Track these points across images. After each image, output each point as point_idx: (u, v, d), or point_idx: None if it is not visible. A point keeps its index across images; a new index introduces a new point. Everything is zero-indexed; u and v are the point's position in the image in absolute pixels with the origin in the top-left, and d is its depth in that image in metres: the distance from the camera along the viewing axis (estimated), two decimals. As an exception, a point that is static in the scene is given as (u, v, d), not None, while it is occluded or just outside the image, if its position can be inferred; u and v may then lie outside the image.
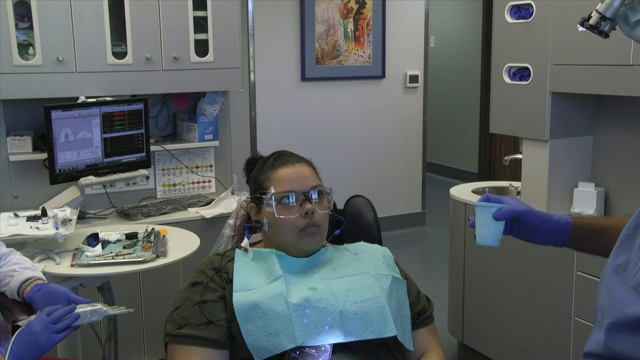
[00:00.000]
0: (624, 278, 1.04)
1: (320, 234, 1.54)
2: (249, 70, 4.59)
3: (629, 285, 1.02)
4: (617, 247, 1.11)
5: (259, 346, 1.34)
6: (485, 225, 1.31)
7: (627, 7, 1.02)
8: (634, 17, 1.02)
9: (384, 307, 1.42)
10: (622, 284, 1.04)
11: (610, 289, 1.06)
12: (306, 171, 1.56)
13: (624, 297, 1.01)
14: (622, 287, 1.04)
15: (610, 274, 1.08)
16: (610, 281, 1.07)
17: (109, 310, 1.60)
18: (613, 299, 1.05)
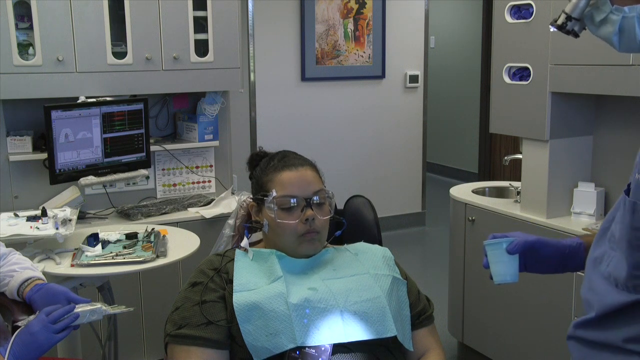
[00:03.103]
0: (600, 270, 1.09)
1: (320, 239, 1.53)
2: (249, 70, 4.59)
3: (604, 276, 1.08)
4: (595, 241, 1.15)
5: (259, 346, 1.34)
6: (500, 263, 1.28)
7: (592, 7, 1.06)
8: (599, 17, 1.05)
9: (384, 307, 1.42)
10: (600, 276, 1.09)
11: (591, 281, 1.11)
12: (309, 175, 1.55)
13: (602, 289, 1.07)
14: (600, 279, 1.09)
15: (590, 267, 1.13)
16: (590, 274, 1.12)
17: (109, 310, 1.60)
18: (594, 291, 1.10)
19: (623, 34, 1.03)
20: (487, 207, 2.98)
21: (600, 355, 1.11)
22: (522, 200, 2.86)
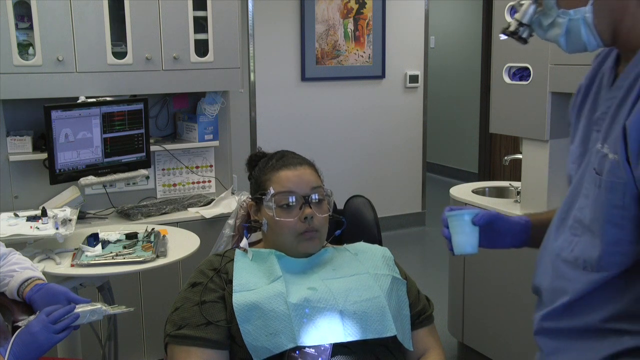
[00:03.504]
0: (564, 257, 1.15)
1: (319, 237, 1.53)
2: (249, 70, 4.59)
3: (569, 262, 1.14)
4: (552, 232, 1.22)
5: (259, 346, 1.34)
6: (461, 234, 1.32)
7: (540, 13, 1.14)
8: (547, 21, 1.13)
9: (384, 307, 1.42)
10: (565, 263, 1.15)
11: (558, 270, 1.17)
12: (308, 174, 1.55)
13: (571, 274, 1.13)
14: (566, 266, 1.15)
15: (552, 257, 1.19)
16: (554, 263, 1.18)
17: (109, 310, 1.60)
18: (563, 278, 1.15)
19: (569, 35, 1.11)
20: (487, 207, 2.98)
21: (576, 342, 1.15)
22: (522, 200, 2.86)
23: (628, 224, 1.04)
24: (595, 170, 1.08)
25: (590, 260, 1.09)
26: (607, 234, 1.07)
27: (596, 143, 1.11)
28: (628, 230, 1.05)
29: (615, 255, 1.07)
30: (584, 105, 1.23)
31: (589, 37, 1.10)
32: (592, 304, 1.12)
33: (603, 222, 1.07)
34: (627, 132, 1.01)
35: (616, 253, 1.07)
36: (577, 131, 1.23)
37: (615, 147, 1.04)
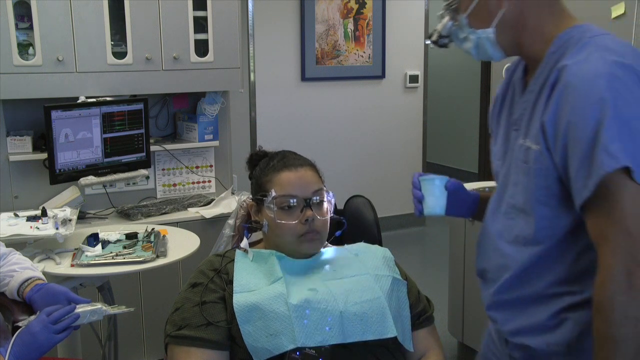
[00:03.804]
0: (505, 238, 1.34)
1: (320, 239, 1.53)
2: (249, 70, 4.59)
3: (511, 241, 1.33)
4: (490, 218, 1.41)
5: (259, 347, 1.34)
6: (432, 196, 1.49)
7: (456, 27, 1.35)
8: (462, 35, 1.35)
9: (384, 308, 1.42)
10: (507, 243, 1.34)
11: (500, 250, 1.35)
12: (309, 175, 1.54)
13: (513, 251, 1.32)
14: (508, 246, 1.34)
15: (494, 239, 1.37)
16: (498, 245, 1.36)
17: (109, 310, 1.60)
18: (507, 256, 1.34)
19: (478, 49, 1.33)
20: (487, 207, 2.98)
21: (526, 309, 1.33)
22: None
23: (553, 202, 1.24)
24: (522, 160, 1.28)
25: (528, 237, 1.29)
26: (538, 213, 1.26)
27: (517, 140, 1.32)
28: (554, 207, 1.25)
29: (547, 229, 1.26)
30: (501, 112, 1.43)
31: (493, 51, 1.32)
32: (535, 274, 1.31)
33: (534, 203, 1.27)
34: (544, 127, 1.21)
35: (547, 227, 1.26)
36: (499, 134, 1.43)
37: (537, 139, 1.24)
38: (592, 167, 1.14)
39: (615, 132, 1.12)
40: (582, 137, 1.15)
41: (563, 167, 1.20)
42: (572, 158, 1.17)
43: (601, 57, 1.16)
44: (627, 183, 1.12)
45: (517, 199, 1.32)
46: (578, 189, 1.17)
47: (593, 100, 1.13)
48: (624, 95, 1.13)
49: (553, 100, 1.20)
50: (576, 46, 1.22)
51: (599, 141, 1.12)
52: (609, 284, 1.14)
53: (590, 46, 1.20)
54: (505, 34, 1.30)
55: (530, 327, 1.33)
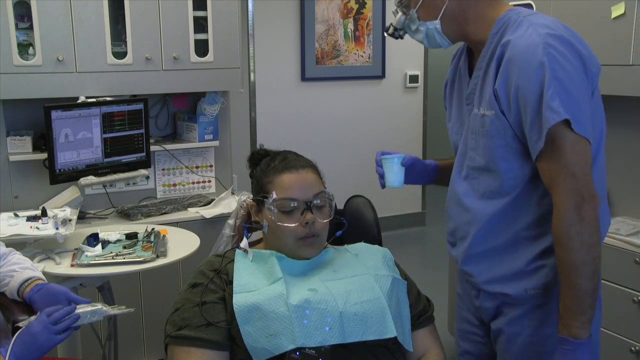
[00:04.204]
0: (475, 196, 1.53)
1: (319, 242, 1.53)
2: (249, 70, 4.59)
3: (479, 197, 1.52)
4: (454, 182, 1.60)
5: (259, 347, 1.34)
6: (392, 172, 1.69)
7: (409, 20, 1.56)
8: (413, 27, 1.56)
9: (384, 308, 1.42)
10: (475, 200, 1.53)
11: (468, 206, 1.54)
12: (310, 178, 1.54)
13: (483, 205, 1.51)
14: (477, 202, 1.52)
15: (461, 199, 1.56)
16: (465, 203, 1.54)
17: (109, 310, 1.59)
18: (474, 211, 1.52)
19: (428, 38, 1.55)
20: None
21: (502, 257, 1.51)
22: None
23: (514, 156, 1.44)
24: (480, 126, 1.48)
25: (494, 190, 1.49)
26: (502, 168, 1.46)
27: (470, 112, 1.53)
28: (515, 161, 1.45)
29: (511, 180, 1.46)
30: (452, 93, 1.67)
31: (441, 40, 1.54)
32: (505, 223, 1.49)
33: (497, 160, 1.46)
34: (497, 94, 1.42)
35: (511, 179, 1.46)
36: (452, 112, 1.67)
37: (490, 106, 1.44)
38: (539, 121, 1.34)
39: (555, 91, 1.33)
40: (530, 97, 1.35)
41: (518, 125, 1.41)
42: (525, 116, 1.38)
43: (535, 30, 1.38)
44: (568, 133, 1.33)
45: (478, 160, 1.51)
46: (533, 143, 1.37)
47: (534, 65, 1.34)
48: (558, 60, 1.34)
49: (501, 70, 1.41)
50: (514, 25, 1.43)
51: (543, 99, 1.33)
52: (563, 219, 1.34)
53: (525, 23, 1.41)
54: (450, 24, 1.51)
55: (508, 275, 1.50)
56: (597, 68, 1.46)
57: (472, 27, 1.51)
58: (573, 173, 1.34)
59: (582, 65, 1.39)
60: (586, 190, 1.34)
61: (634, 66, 2.29)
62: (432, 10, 1.51)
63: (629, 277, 2.38)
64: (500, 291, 1.51)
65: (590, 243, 1.34)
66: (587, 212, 1.33)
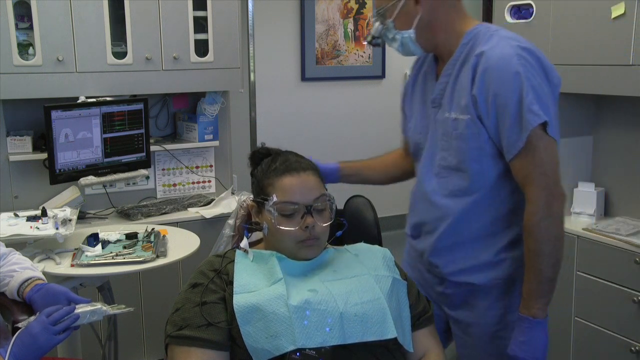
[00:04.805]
0: (443, 193, 1.65)
1: (319, 244, 1.53)
2: (249, 70, 4.58)
3: (447, 195, 1.65)
4: (423, 179, 1.71)
5: (259, 348, 1.34)
6: None
7: (385, 29, 1.66)
8: (390, 36, 1.66)
9: (384, 308, 1.42)
10: (443, 197, 1.65)
11: (436, 203, 1.66)
12: (311, 181, 1.53)
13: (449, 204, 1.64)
14: (445, 199, 1.65)
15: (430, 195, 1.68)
16: (433, 200, 1.67)
17: (109, 310, 1.59)
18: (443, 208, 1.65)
19: (403, 46, 1.66)
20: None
21: (470, 248, 1.64)
22: (522, 201, 2.87)
23: (485, 157, 1.57)
24: (452, 128, 1.59)
25: (463, 189, 1.61)
26: (472, 168, 1.59)
27: (439, 115, 1.65)
28: (485, 162, 1.58)
29: (480, 180, 1.59)
30: (414, 96, 1.78)
31: (415, 48, 1.66)
32: (472, 219, 1.62)
33: (468, 161, 1.59)
34: (476, 100, 1.54)
35: (480, 179, 1.59)
36: (414, 114, 1.78)
37: (466, 111, 1.56)
38: (522, 124, 1.48)
39: (533, 97, 1.48)
40: (509, 103, 1.49)
41: (494, 128, 1.54)
42: (503, 120, 1.51)
43: (507, 43, 1.53)
44: (543, 135, 1.51)
45: (449, 160, 1.63)
46: (512, 143, 1.51)
47: (511, 74, 1.49)
48: (530, 69, 1.50)
49: (478, 78, 1.53)
50: (485, 37, 1.58)
51: (523, 104, 1.48)
52: (535, 213, 1.51)
53: (496, 36, 1.57)
54: (423, 33, 1.63)
55: (473, 267, 1.65)
56: (558, 80, 1.61)
57: (443, 37, 1.64)
58: (545, 172, 1.51)
59: (545, 76, 1.55)
60: (555, 188, 1.52)
61: (634, 66, 2.29)
62: (407, 20, 1.63)
63: (629, 277, 2.38)
64: (465, 281, 1.66)
65: (557, 236, 1.52)
66: (555, 208, 1.50)
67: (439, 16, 1.63)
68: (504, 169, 1.58)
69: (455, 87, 1.60)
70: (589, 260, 2.52)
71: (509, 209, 1.62)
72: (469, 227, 1.64)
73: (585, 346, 2.57)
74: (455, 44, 1.62)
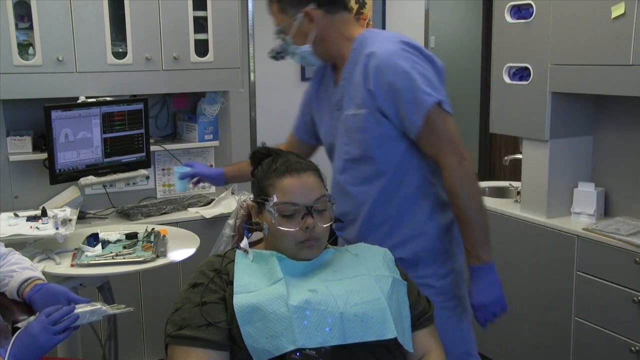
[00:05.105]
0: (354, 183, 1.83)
1: (319, 245, 1.52)
2: (249, 70, 4.58)
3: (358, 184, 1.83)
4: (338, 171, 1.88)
5: (259, 348, 1.34)
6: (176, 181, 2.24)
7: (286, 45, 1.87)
8: (290, 50, 1.87)
9: (385, 308, 1.42)
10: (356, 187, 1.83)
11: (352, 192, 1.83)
12: (311, 182, 1.53)
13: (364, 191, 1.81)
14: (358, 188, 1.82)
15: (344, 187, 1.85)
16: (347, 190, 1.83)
17: (109, 310, 1.59)
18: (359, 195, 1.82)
19: (303, 59, 1.88)
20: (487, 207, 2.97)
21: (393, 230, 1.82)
22: (522, 200, 2.86)
23: (386, 142, 1.76)
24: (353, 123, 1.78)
25: (373, 174, 1.80)
26: (377, 154, 1.78)
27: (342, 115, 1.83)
28: (388, 145, 1.77)
29: (386, 162, 1.78)
30: (321, 104, 1.97)
31: (313, 60, 1.88)
32: (388, 200, 1.80)
33: (372, 148, 1.77)
34: (372, 93, 1.73)
35: (386, 161, 1.78)
36: (323, 119, 1.96)
37: (362, 105, 1.75)
38: (418, 105, 1.69)
39: (422, 81, 1.69)
40: (403, 90, 1.69)
41: (395, 115, 1.73)
42: (401, 105, 1.71)
43: (391, 41, 1.75)
44: (440, 111, 1.71)
45: (353, 152, 1.81)
46: (413, 123, 1.71)
47: (399, 66, 1.69)
48: (415, 59, 1.72)
49: (372, 74, 1.72)
50: (371, 40, 1.78)
51: (416, 88, 1.68)
52: (453, 176, 1.72)
53: (380, 38, 1.79)
54: (319, 46, 1.85)
55: (399, 243, 1.81)
56: (441, 65, 1.81)
57: (336, 47, 1.85)
58: (450, 140, 1.72)
59: (429, 63, 1.76)
60: (462, 151, 1.73)
61: (634, 66, 2.28)
62: (303, 36, 1.83)
63: (629, 277, 2.38)
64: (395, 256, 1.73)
65: (475, 188, 1.74)
66: (467, 166, 1.73)
67: (331, 30, 1.83)
68: (405, 147, 1.77)
69: (351, 87, 1.80)
70: (589, 260, 2.52)
71: (418, 184, 1.80)
72: (387, 207, 1.81)
73: (585, 346, 2.57)
74: (348, 51, 1.82)
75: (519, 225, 2.80)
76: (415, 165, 1.79)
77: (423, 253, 1.82)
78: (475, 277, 1.76)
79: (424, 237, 1.81)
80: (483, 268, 1.74)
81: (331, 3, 1.84)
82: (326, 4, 1.82)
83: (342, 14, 1.85)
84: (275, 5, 1.87)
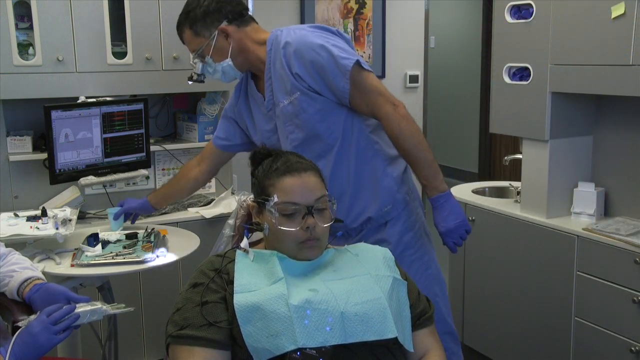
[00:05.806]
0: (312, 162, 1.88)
1: (320, 245, 1.53)
2: (249, 70, 4.58)
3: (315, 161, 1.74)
4: None
5: (260, 347, 1.34)
6: (112, 221, 2.52)
7: (207, 65, 2.04)
8: (211, 70, 2.05)
9: (385, 308, 1.42)
10: None
11: None
12: (312, 182, 1.53)
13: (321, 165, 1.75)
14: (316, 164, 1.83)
15: None
16: None
17: (109, 309, 1.59)
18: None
19: (226, 74, 2.06)
20: (487, 207, 2.98)
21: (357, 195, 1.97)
22: (522, 200, 2.86)
23: (327, 115, 1.92)
24: (290, 110, 1.93)
25: (324, 148, 1.94)
26: (320, 129, 1.93)
27: (277, 110, 1.97)
28: (328, 118, 1.92)
29: (332, 133, 1.94)
30: (253, 113, 2.12)
31: (235, 72, 2.05)
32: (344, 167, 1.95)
33: (315, 126, 1.92)
34: (299, 76, 1.88)
35: (331, 133, 1.94)
36: (257, 128, 2.11)
37: (294, 90, 1.91)
38: (341, 71, 1.84)
39: (337, 50, 1.86)
40: (324, 63, 1.86)
41: (326, 87, 1.89)
42: (327, 77, 1.87)
43: (300, 28, 1.95)
44: (361, 70, 1.88)
45: (299, 135, 1.95)
46: (342, 88, 1.86)
47: (314, 44, 1.87)
48: (325, 35, 1.91)
49: (293, 60, 1.88)
50: (282, 35, 1.95)
51: (335, 56, 1.85)
52: (392, 121, 1.87)
53: (289, 30, 1.96)
54: (238, 57, 2.02)
55: (365, 204, 1.97)
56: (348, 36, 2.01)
57: (253, 53, 2.01)
58: (379, 92, 1.88)
59: (337, 36, 1.94)
60: (393, 99, 1.88)
61: (634, 66, 2.28)
62: (222, 52, 2.00)
63: (629, 277, 2.38)
64: (366, 217, 1.97)
65: (415, 128, 1.89)
66: (402, 111, 1.88)
67: (246, 40, 2.00)
68: (344, 116, 1.93)
69: (277, 82, 1.94)
70: (588, 260, 2.52)
71: (365, 145, 1.96)
72: (345, 175, 1.95)
73: (585, 346, 2.57)
74: (264, 53, 1.99)
75: (519, 225, 2.80)
76: (358, 129, 1.95)
77: (388, 207, 1.97)
78: (437, 207, 1.92)
79: (383, 191, 1.97)
80: (442, 196, 1.92)
81: (240, 16, 2.01)
82: (237, 19, 2.00)
83: (252, 24, 2.04)
84: (188, 31, 2.02)
